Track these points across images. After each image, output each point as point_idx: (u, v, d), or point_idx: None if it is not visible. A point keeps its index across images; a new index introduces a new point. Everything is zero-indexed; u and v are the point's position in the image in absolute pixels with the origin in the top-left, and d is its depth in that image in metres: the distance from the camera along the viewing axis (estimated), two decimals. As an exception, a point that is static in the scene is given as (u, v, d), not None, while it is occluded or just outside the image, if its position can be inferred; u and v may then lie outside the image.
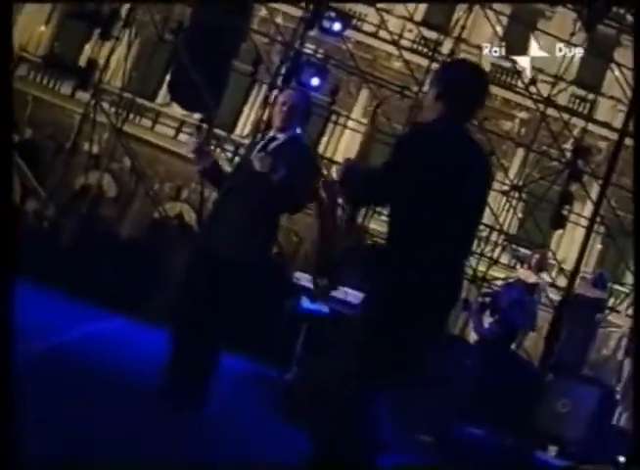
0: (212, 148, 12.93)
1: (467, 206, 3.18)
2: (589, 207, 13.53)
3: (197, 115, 18.03)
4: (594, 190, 12.18)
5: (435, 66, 13.71)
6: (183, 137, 21.38)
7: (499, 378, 7.23)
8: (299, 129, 4.54)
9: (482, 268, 13.13)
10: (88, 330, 6.46)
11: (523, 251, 15.52)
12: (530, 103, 13.36)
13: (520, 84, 16.12)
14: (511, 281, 8.58)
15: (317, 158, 3.39)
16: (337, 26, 11.51)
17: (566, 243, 19.64)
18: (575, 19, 13.38)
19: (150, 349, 5.39)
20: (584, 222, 12.92)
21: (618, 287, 15.65)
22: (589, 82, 20.47)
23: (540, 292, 8.07)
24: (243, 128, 21.25)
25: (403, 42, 16.64)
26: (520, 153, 19.55)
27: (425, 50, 17.01)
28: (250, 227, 4.40)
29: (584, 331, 10.03)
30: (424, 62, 14.68)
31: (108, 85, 17.00)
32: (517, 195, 13.88)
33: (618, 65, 13.05)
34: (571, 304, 9.52)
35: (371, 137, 3.45)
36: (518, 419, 7.28)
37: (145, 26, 17.61)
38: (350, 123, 19.32)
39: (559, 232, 16.85)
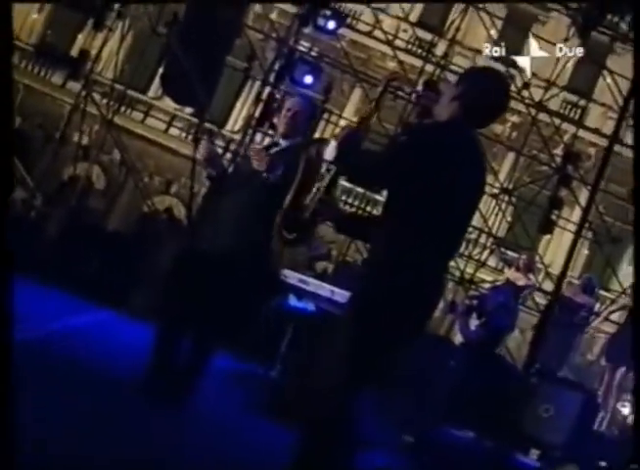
0: (221, 152, 12.87)
1: (460, 210, 3.19)
2: (577, 212, 13.56)
3: (188, 109, 18.02)
4: (583, 195, 12.21)
5: (429, 67, 13.76)
6: (174, 131, 21.36)
7: (483, 380, 7.25)
8: (302, 136, 4.48)
9: (470, 270, 13.15)
10: (73, 322, 6.43)
11: (510, 254, 15.57)
12: (522, 107, 13.34)
13: (512, 88, 16.13)
14: (499, 284, 8.60)
15: (317, 163, 3.36)
16: (331, 25, 11.46)
17: (553, 247, 19.71)
18: (570, 24, 13.40)
19: (134, 343, 5.37)
20: (572, 227, 12.95)
21: (604, 293, 15.70)
22: (581, 88, 20.54)
23: (527, 295, 8.10)
24: (234, 124, 21.21)
25: (397, 42, 16.62)
26: (510, 156, 19.59)
27: (419, 51, 17.01)
28: (244, 225, 4.39)
29: (571, 336, 10.06)
30: (418, 63, 14.68)
31: (99, 76, 16.93)
32: (506, 198, 13.90)
33: (611, 72, 13.08)
34: (559, 308, 9.54)
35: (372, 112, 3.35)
36: (500, 422, 7.29)
37: (139, 18, 17.57)
38: (342, 122, 19.31)
39: (547, 236, 16.91)
